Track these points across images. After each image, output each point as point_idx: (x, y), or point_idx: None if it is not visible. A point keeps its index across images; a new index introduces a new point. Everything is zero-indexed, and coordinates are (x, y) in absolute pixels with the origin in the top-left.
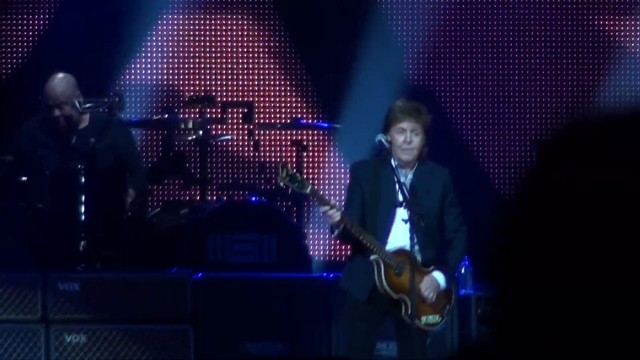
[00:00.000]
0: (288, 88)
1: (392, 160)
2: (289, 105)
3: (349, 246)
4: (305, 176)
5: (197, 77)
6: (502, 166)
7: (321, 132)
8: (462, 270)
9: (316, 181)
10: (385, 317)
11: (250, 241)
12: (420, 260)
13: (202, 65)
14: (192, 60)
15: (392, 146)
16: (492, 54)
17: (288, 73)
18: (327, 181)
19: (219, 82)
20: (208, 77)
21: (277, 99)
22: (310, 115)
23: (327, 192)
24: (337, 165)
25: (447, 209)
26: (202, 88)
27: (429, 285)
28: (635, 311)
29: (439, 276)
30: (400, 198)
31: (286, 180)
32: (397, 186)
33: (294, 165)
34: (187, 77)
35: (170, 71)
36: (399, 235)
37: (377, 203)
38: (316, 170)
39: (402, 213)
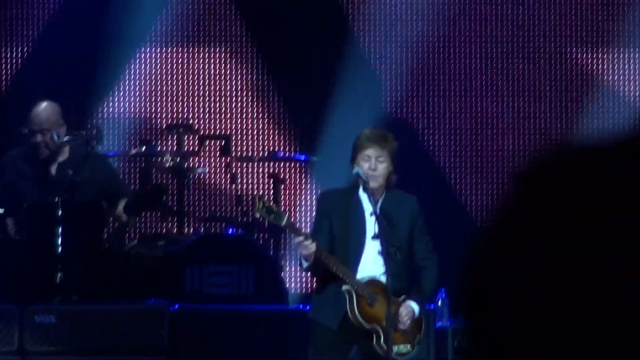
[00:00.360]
0: (265, 121)
1: (362, 190)
2: (266, 138)
3: (315, 278)
4: (282, 208)
5: (174, 109)
6: (480, 197)
7: (298, 164)
8: (439, 303)
9: (293, 213)
10: (352, 348)
11: (228, 273)
12: (392, 290)
13: (180, 98)
14: (169, 93)
15: (360, 175)
16: (469, 87)
17: (265, 106)
18: (303, 213)
19: (196, 115)
20: (186, 109)
21: (255, 132)
22: (287, 148)
23: (303, 225)
24: (314, 197)
25: (417, 236)
26: (180, 121)
27: (406, 312)
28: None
29: (413, 305)
30: (375, 230)
31: (263, 212)
32: (367, 217)
33: (271, 197)
34: (164, 110)
35: (148, 104)
36: (369, 266)
37: (346, 234)
38: (293, 203)
39: (372, 244)
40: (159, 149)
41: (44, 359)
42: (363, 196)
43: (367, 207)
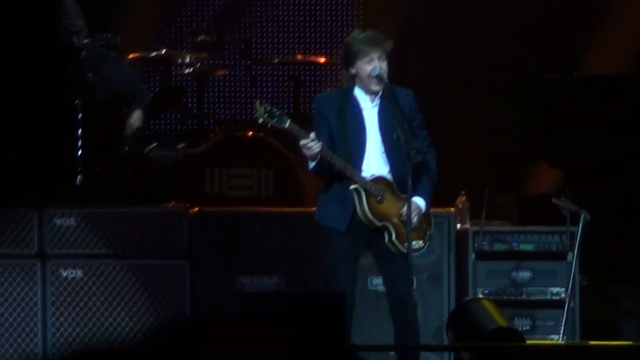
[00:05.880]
0: (286, 24)
1: (357, 89)
2: (286, 41)
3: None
4: (286, 110)
5: (196, 12)
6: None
7: (318, 67)
8: (460, 205)
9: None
10: (366, 251)
11: (247, 176)
12: (396, 186)
13: (201, 1)
14: None
15: (360, 78)
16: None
17: (286, 8)
18: None
19: (217, 18)
20: (207, 12)
21: (275, 35)
22: (307, 51)
23: None
24: None
25: (415, 131)
26: (201, 23)
27: (414, 209)
28: None
29: (419, 200)
30: (376, 125)
31: (265, 117)
32: (365, 114)
33: (291, 100)
34: (185, 12)
35: (169, 7)
36: (373, 165)
37: (346, 132)
38: (313, 106)
39: (375, 143)
40: (178, 51)
41: (63, 261)
42: (359, 94)
43: (365, 104)
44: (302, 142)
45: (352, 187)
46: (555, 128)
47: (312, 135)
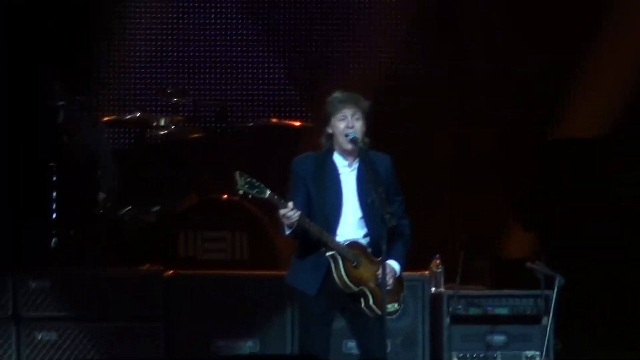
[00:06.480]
0: (262, 87)
1: (336, 154)
2: (262, 104)
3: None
4: (264, 182)
5: (171, 75)
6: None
7: (294, 130)
8: (434, 269)
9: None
10: (339, 314)
11: (222, 239)
12: (370, 250)
13: (176, 64)
14: (167, 59)
15: (335, 137)
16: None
17: (263, 72)
18: None
19: (192, 81)
20: (182, 75)
21: (251, 98)
22: (283, 114)
23: None
24: None
25: (391, 196)
26: (174, 87)
27: (388, 272)
28: None
29: (394, 264)
30: (354, 190)
31: (245, 188)
32: (343, 178)
33: (265, 163)
34: (162, 75)
35: (145, 70)
36: (349, 230)
37: (323, 198)
38: (290, 168)
39: (352, 207)
40: (153, 114)
41: (38, 324)
42: (337, 158)
43: (342, 169)
44: (282, 211)
45: (328, 253)
46: (529, 191)
47: (291, 204)
